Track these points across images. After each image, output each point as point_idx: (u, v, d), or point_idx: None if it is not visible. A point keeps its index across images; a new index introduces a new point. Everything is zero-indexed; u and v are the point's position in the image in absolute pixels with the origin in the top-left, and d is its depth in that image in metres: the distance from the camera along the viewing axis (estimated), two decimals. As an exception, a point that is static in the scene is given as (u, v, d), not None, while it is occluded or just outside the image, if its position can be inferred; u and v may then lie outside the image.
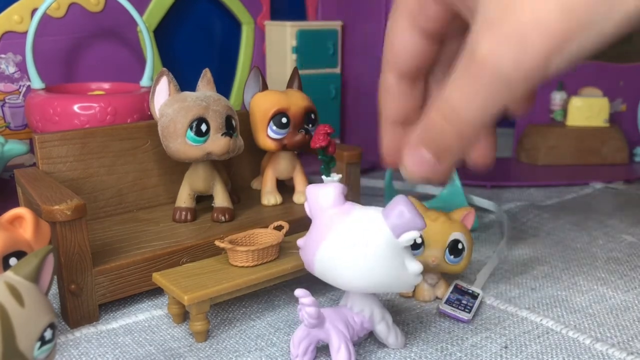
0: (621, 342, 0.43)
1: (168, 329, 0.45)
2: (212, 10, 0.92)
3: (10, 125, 0.75)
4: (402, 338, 0.42)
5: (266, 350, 0.42)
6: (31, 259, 0.28)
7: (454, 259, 0.46)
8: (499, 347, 0.43)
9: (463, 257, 0.47)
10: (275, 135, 0.58)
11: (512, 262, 0.58)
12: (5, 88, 0.74)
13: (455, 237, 0.46)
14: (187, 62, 0.89)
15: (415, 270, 0.38)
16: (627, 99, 0.98)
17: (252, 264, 0.46)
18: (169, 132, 0.52)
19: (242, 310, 0.48)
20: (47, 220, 0.43)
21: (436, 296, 0.49)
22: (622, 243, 0.63)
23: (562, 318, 0.47)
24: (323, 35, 0.94)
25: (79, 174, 0.55)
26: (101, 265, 0.46)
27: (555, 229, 0.67)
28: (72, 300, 0.45)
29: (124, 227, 0.54)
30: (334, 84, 0.96)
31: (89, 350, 0.42)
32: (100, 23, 0.80)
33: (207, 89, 0.56)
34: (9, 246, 0.39)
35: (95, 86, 0.76)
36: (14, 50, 0.73)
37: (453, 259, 0.46)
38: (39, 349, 0.27)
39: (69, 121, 0.63)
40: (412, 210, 0.36)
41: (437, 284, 0.49)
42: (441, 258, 0.46)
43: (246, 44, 0.95)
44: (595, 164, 0.94)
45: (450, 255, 0.46)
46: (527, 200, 0.77)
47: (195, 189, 0.56)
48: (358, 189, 0.65)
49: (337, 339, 0.38)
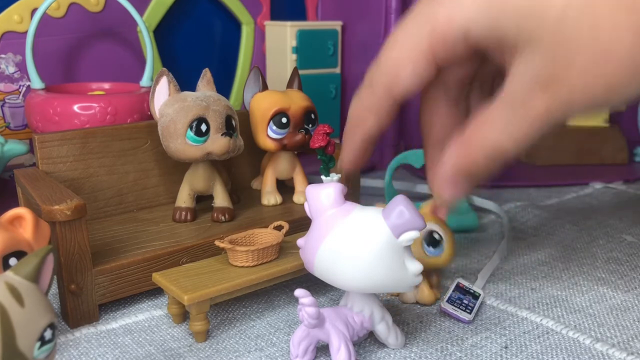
0: (621, 342, 0.43)
1: (168, 329, 0.45)
2: (212, 10, 0.92)
3: (10, 125, 0.75)
4: (402, 338, 0.42)
5: (266, 350, 0.42)
6: (31, 259, 0.28)
7: (433, 250, 0.46)
8: (499, 347, 0.43)
9: (443, 248, 0.46)
10: (275, 135, 0.58)
11: (512, 262, 0.58)
12: (5, 88, 0.74)
13: (429, 228, 0.46)
14: (187, 62, 0.89)
15: (415, 270, 0.38)
16: (627, 99, 0.98)
17: (252, 264, 0.46)
18: (169, 132, 0.52)
19: (242, 310, 0.48)
20: (47, 220, 0.43)
21: (417, 301, 0.49)
22: (622, 243, 0.63)
23: (562, 318, 0.47)
24: (323, 35, 0.94)
25: (79, 174, 0.55)
26: (101, 265, 0.46)
27: (555, 229, 0.67)
28: (72, 300, 0.45)
29: (124, 227, 0.54)
30: (334, 84, 0.96)
31: (89, 351, 0.42)
32: (100, 23, 0.80)
33: (207, 89, 0.56)
34: (9, 246, 0.39)
35: (95, 86, 0.76)
36: (13, 50, 0.73)
37: (432, 250, 0.46)
38: (39, 349, 0.27)
39: (69, 121, 0.63)
40: (412, 210, 0.36)
41: (419, 286, 0.48)
42: (420, 251, 0.46)
43: (246, 44, 0.95)
44: (595, 164, 0.94)
45: (429, 246, 0.46)
46: (527, 200, 0.77)
47: (195, 189, 0.56)
48: (358, 189, 0.65)
49: (337, 339, 0.38)
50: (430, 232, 0.46)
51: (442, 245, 0.46)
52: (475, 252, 0.60)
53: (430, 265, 0.47)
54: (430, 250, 0.46)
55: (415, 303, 0.49)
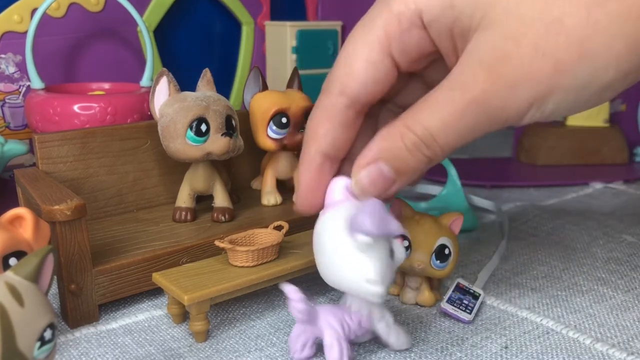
0: (622, 342, 0.43)
1: (168, 329, 0.45)
2: (212, 10, 0.92)
3: (10, 125, 0.75)
4: (405, 338, 0.42)
5: (266, 350, 0.42)
6: (31, 259, 0.28)
7: (440, 264, 0.46)
8: (499, 347, 0.43)
9: (449, 262, 0.46)
10: (275, 135, 0.58)
11: (512, 262, 0.58)
12: (5, 88, 0.74)
13: (442, 242, 0.46)
14: (187, 62, 0.89)
15: (366, 276, 0.34)
16: (627, 99, 0.98)
17: (252, 264, 0.46)
18: (169, 132, 0.52)
19: (242, 310, 0.48)
20: (47, 220, 0.43)
21: (417, 302, 0.49)
22: (623, 243, 0.63)
23: (562, 318, 0.47)
24: (323, 35, 0.94)
25: (79, 174, 0.55)
26: (101, 265, 0.46)
27: (555, 229, 0.67)
28: (72, 300, 0.45)
29: (124, 227, 0.54)
30: (334, 84, 0.96)
31: (89, 351, 0.42)
32: (100, 23, 0.80)
33: (207, 89, 0.56)
34: (9, 246, 0.39)
35: (95, 86, 0.76)
36: (13, 50, 0.73)
37: (439, 264, 0.46)
38: (38, 349, 0.27)
39: (69, 121, 0.63)
40: (373, 215, 0.32)
41: (420, 287, 0.48)
42: (427, 263, 0.45)
43: (246, 44, 0.95)
44: (595, 164, 0.94)
45: (437, 260, 0.46)
46: (527, 200, 0.77)
47: (195, 189, 0.56)
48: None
49: (329, 336, 0.38)
50: (442, 246, 0.46)
51: (449, 260, 0.46)
52: (475, 252, 0.60)
53: (431, 276, 0.47)
54: (438, 264, 0.46)
55: (415, 304, 0.49)
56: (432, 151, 0.29)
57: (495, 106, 0.26)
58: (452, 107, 0.27)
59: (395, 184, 0.31)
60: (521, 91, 0.25)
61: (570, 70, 0.24)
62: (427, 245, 0.45)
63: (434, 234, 0.46)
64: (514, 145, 1.00)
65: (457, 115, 0.27)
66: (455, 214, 0.48)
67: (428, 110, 0.28)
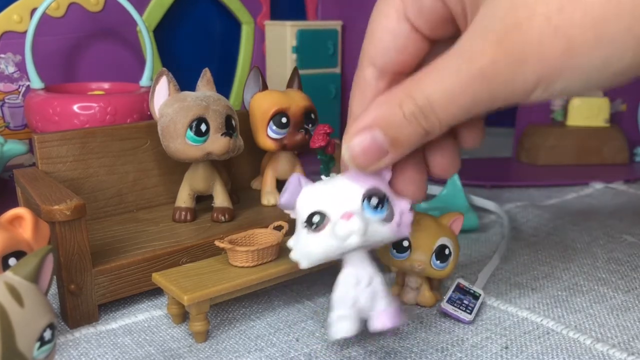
0: (622, 343, 0.43)
1: (168, 330, 0.45)
2: (212, 10, 0.92)
3: (9, 125, 0.75)
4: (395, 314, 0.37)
5: (266, 350, 0.42)
6: (31, 259, 0.28)
7: (440, 264, 0.46)
8: (500, 348, 0.43)
9: (449, 262, 0.46)
10: (275, 135, 0.58)
11: (512, 262, 0.58)
12: (5, 88, 0.74)
13: (442, 242, 0.46)
14: (187, 62, 0.89)
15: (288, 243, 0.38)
16: (627, 99, 0.98)
17: (252, 264, 0.46)
18: (168, 132, 0.52)
19: (242, 310, 0.48)
20: (47, 220, 0.43)
21: (417, 302, 0.48)
22: (623, 243, 0.63)
23: (562, 318, 0.47)
24: (323, 35, 0.94)
25: (78, 174, 0.55)
26: (101, 265, 0.46)
27: (555, 229, 0.67)
28: (72, 300, 0.45)
29: (124, 227, 0.54)
30: (334, 84, 0.96)
31: (89, 351, 0.42)
32: (99, 23, 0.80)
33: (207, 88, 0.56)
34: (9, 246, 0.39)
35: (95, 86, 0.76)
36: (13, 50, 0.73)
37: (439, 264, 0.46)
38: (38, 349, 0.27)
39: (69, 121, 0.63)
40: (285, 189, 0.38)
41: (420, 287, 0.48)
42: (427, 263, 0.45)
43: (246, 44, 0.95)
44: (596, 164, 0.94)
45: (437, 260, 0.46)
46: (527, 200, 0.77)
47: (195, 189, 0.56)
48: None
49: None
50: (442, 246, 0.46)
51: (449, 260, 0.46)
52: (475, 252, 0.60)
53: (431, 276, 0.47)
54: (438, 264, 0.46)
55: (415, 304, 0.49)
56: (429, 123, 0.27)
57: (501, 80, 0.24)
58: (457, 77, 0.25)
59: (387, 156, 0.29)
60: (530, 67, 0.23)
61: (584, 52, 0.22)
62: (427, 245, 0.45)
63: (434, 234, 0.46)
64: (514, 145, 1.00)
65: (461, 85, 0.25)
66: (455, 214, 0.48)
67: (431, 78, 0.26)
